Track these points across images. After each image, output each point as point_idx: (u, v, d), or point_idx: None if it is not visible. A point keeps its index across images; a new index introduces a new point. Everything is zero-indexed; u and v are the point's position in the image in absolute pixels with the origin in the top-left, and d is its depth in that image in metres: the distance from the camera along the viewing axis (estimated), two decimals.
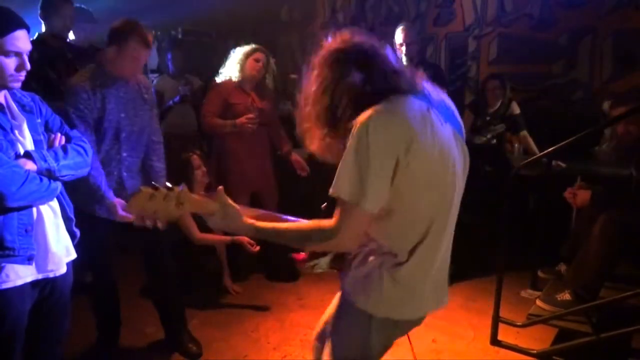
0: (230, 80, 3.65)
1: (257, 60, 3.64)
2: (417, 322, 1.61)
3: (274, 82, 3.88)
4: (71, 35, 3.74)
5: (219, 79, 3.72)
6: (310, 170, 3.95)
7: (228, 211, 1.51)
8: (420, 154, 1.36)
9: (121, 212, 2.49)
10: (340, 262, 1.63)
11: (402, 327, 1.60)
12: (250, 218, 1.54)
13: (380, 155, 1.33)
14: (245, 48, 3.66)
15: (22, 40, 1.71)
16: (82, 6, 3.81)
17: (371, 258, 1.51)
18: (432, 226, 1.46)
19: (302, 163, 3.92)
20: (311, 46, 1.56)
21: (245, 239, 3.39)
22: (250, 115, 3.58)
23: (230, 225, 1.53)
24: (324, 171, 1.54)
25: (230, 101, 3.62)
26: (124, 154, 2.60)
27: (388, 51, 1.52)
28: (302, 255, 1.69)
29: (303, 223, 1.49)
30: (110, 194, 2.50)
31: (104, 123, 2.50)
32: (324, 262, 1.66)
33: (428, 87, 1.52)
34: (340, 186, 1.37)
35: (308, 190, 4.40)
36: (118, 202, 2.50)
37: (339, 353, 1.63)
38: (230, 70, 3.66)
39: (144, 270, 2.94)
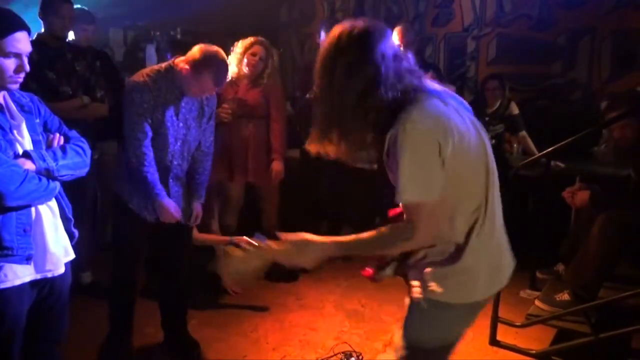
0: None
1: (254, 55, 3.61)
2: (488, 300, 1.67)
3: (278, 75, 3.81)
4: (71, 36, 3.74)
5: None
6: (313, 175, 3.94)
7: (302, 245, 1.55)
8: (460, 140, 1.43)
9: (173, 213, 2.54)
10: (404, 267, 1.66)
11: (477, 308, 1.65)
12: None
13: (431, 150, 1.40)
14: (246, 41, 3.64)
15: (22, 42, 1.71)
16: (83, 7, 3.81)
17: (433, 250, 1.54)
18: (481, 207, 1.51)
19: (278, 173, 3.79)
20: (310, 46, 1.58)
21: (244, 239, 3.37)
22: (225, 106, 3.53)
23: (311, 256, 1.56)
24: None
25: (220, 94, 3.60)
26: (175, 163, 2.61)
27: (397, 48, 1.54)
28: (370, 271, 1.69)
29: (378, 230, 1.51)
30: (164, 193, 2.53)
31: (161, 128, 2.50)
32: (389, 270, 1.68)
33: (434, 84, 1.56)
34: (409, 192, 1.42)
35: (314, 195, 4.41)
36: (170, 203, 2.54)
37: (419, 347, 1.64)
38: (231, 65, 3.62)
39: (146, 267, 2.94)
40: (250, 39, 3.65)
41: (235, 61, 3.63)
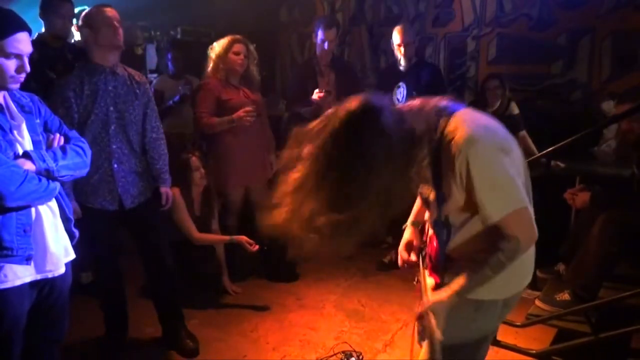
0: (216, 78, 3.59)
1: (237, 54, 3.56)
2: (520, 294, 1.68)
3: (258, 71, 3.76)
4: (77, 36, 3.76)
5: (205, 79, 3.68)
6: None
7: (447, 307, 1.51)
8: (513, 144, 1.50)
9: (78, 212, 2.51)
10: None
11: (516, 299, 1.67)
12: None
13: (502, 158, 1.43)
14: (223, 42, 3.58)
15: (23, 43, 1.71)
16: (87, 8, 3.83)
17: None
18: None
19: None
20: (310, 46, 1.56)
21: (244, 238, 3.38)
22: (248, 108, 3.50)
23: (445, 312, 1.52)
24: None
25: (222, 98, 3.56)
26: (114, 146, 2.63)
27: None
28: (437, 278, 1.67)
29: (483, 256, 1.48)
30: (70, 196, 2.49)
31: (91, 116, 2.55)
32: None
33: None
34: (497, 207, 1.43)
35: None
36: (74, 205, 2.50)
37: (459, 343, 1.63)
38: (214, 67, 3.59)
39: (143, 268, 2.95)
40: (227, 39, 3.59)
41: (220, 63, 3.57)
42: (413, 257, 1.71)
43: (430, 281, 1.65)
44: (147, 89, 2.80)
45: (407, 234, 1.82)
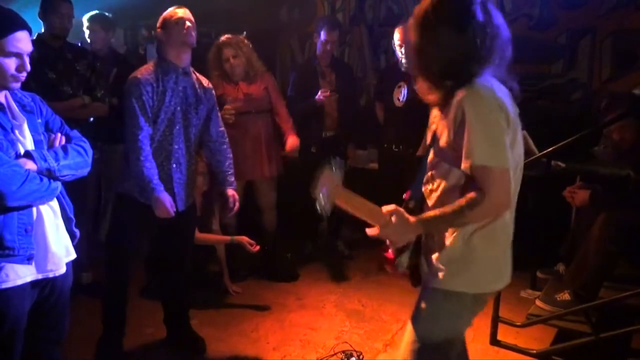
0: (216, 77, 3.60)
1: (226, 60, 3.57)
2: (493, 295, 1.76)
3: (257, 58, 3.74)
4: (88, 40, 3.86)
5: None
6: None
7: (404, 223, 1.53)
8: (511, 119, 1.51)
9: (168, 208, 2.56)
10: (417, 258, 1.71)
11: (484, 302, 1.71)
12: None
13: (499, 117, 1.46)
14: (214, 50, 3.60)
15: (23, 42, 1.71)
16: (104, 13, 3.91)
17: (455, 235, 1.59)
18: (513, 195, 1.58)
19: (295, 145, 3.79)
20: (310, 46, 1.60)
21: (244, 238, 3.39)
22: (227, 107, 3.52)
23: (405, 234, 1.56)
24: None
25: (218, 93, 3.60)
26: (175, 147, 2.67)
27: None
28: (391, 254, 1.72)
29: (453, 204, 1.52)
30: (160, 188, 2.56)
31: (160, 114, 2.59)
32: (404, 259, 1.72)
33: None
34: (477, 154, 1.44)
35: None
36: (166, 197, 2.57)
37: (428, 339, 1.67)
38: (214, 73, 3.62)
39: (146, 266, 2.96)
40: (213, 49, 3.61)
41: (218, 70, 3.60)
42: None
43: None
44: (213, 95, 2.85)
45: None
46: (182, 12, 2.66)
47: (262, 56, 3.87)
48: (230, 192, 2.88)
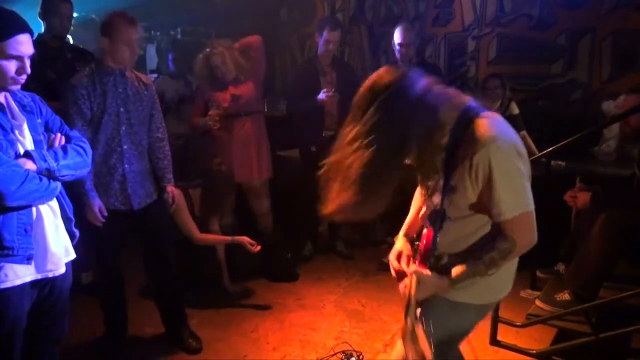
0: (207, 84, 3.63)
1: (217, 67, 3.53)
2: (493, 305, 1.79)
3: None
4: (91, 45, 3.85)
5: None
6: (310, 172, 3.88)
7: (437, 284, 1.59)
8: (524, 149, 1.54)
9: (96, 213, 2.56)
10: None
11: (485, 311, 1.76)
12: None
13: (519, 163, 1.49)
14: (202, 59, 3.56)
15: (24, 45, 1.70)
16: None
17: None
18: None
19: None
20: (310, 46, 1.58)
21: (245, 239, 3.38)
22: (211, 112, 3.54)
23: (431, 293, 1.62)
24: None
25: (207, 97, 3.63)
26: (125, 147, 2.67)
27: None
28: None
29: (479, 252, 1.56)
30: (92, 194, 2.56)
31: (104, 116, 2.59)
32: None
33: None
34: (509, 209, 1.48)
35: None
36: (95, 202, 2.57)
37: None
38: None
39: (145, 267, 2.96)
40: (199, 60, 3.57)
41: (211, 77, 3.58)
42: (404, 266, 1.73)
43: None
44: (153, 91, 2.84)
45: (399, 244, 1.85)
46: (124, 14, 2.67)
47: None
48: (169, 188, 2.90)
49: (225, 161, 3.64)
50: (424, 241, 1.69)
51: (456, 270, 1.57)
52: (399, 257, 1.82)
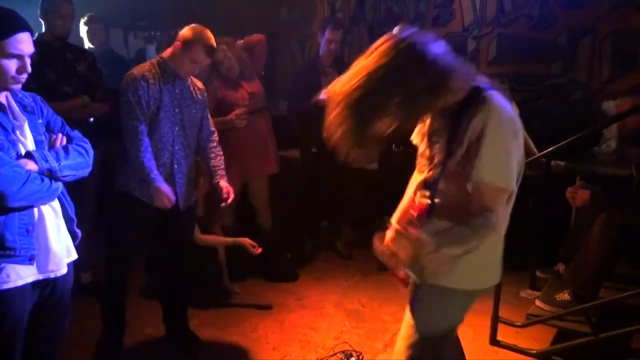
0: (218, 81, 3.63)
1: (221, 63, 3.56)
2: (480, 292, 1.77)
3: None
4: (87, 43, 3.93)
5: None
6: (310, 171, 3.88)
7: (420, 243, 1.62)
8: (521, 137, 1.56)
9: (169, 197, 2.62)
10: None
11: (475, 297, 1.75)
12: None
13: (514, 142, 1.51)
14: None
15: (24, 43, 1.70)
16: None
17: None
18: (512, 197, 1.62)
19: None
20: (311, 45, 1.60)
21: (247, 240, 3.38)
22: (238, 111, 3.54)
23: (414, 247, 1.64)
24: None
25: (219, 96, 3.59)
26: (176, 147, 2.72)
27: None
28: (402, 273, 1.76)
29: (457, 227, 1.58)
30: (160, 179, 2.62)
31: (160, 113, 2.63)
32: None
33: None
34: (491, 172, 1.50)
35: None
36: (166, 187, 2.63)
37: (424, 332, 1.74)
38: (212, 74, 3.63)
39: (152, 266, 2.96)
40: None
41: (215, 73, 3.60)
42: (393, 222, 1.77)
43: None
44: (206, 96, 2.90)
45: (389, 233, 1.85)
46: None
47: None
48: (223, 183, 2.90)
49: (238, 160, 3.63)
50: (417, 211, 1.73)
51: (441, 226, 1.59)
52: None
